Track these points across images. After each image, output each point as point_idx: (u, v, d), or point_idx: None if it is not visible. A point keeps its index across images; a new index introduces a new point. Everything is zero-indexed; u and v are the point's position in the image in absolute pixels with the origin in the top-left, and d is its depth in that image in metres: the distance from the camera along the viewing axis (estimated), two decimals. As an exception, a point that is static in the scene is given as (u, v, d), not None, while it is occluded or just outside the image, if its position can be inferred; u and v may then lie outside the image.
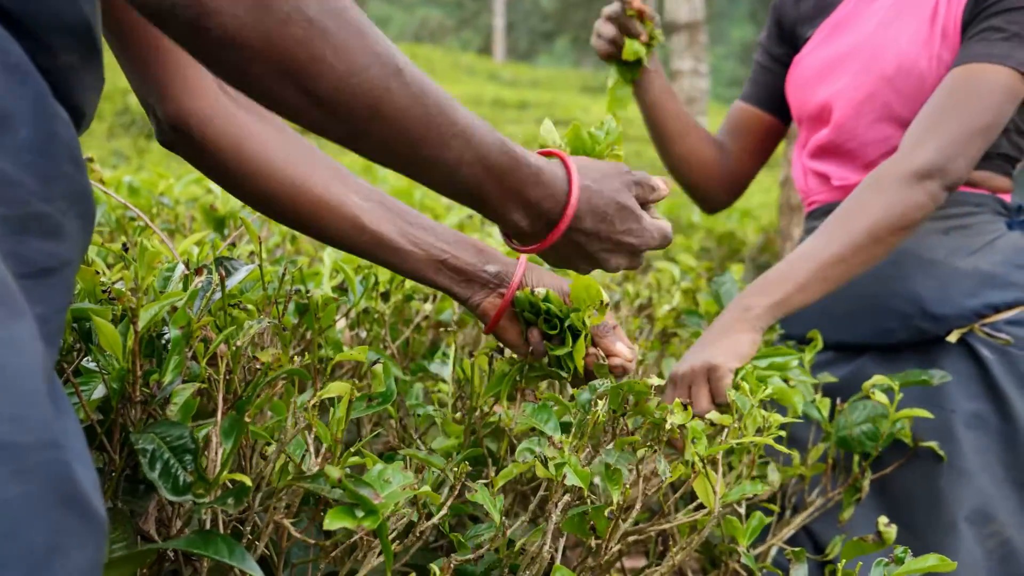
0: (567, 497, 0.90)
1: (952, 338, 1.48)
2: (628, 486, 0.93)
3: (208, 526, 0.88)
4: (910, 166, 1.37)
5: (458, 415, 1.07)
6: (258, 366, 0.94)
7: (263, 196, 0.98)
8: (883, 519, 1.20)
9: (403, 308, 1.46)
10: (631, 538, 1.01)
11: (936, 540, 1.42)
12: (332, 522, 0.75)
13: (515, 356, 1.06)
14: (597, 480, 0.93)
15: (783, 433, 1.07)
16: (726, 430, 1.04)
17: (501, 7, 33.66)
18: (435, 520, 0.87)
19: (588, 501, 0.93)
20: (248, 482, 0.81)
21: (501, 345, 1.09)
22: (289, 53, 0.66)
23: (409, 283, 1.42)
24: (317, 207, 0.97)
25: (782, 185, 3.26)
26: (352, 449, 0.84)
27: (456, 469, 0.88)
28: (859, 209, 1.36)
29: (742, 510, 1.17)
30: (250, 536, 0.91)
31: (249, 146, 0.95)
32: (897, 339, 1.51)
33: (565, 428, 0.94)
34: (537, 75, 27.35)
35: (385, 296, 1.37)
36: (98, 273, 0.93)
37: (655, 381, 0.96)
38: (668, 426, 0.94)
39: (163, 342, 0.89)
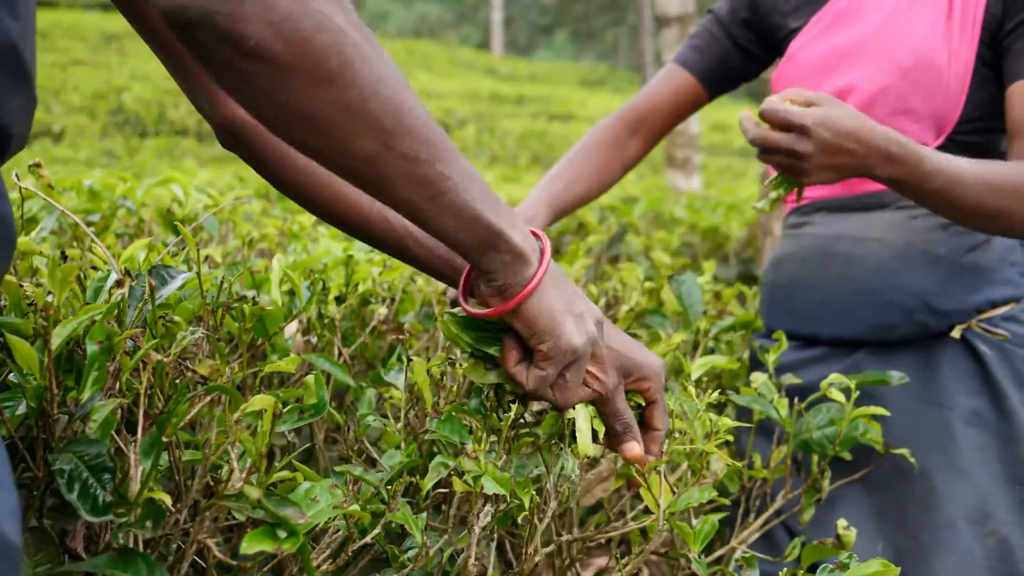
0: (488, 506, 0.89)
1: (955, 334, 1.47)
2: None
3: (133, 543, 0.85)
4: None
5: (400, 425, 1.05)
6: (177, 379, 0.92)
7: (310, 204, 0.99)
8: (842, 522, 1.18)
9: (361, 312, 1.44)
10: (557, 543, 0.99)
11: (932, 539, 1.41)
12: (250, 545, 0.73)
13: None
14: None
15: (730, 438, 1.05)
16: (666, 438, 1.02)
17: (499, 1, 33.58)
18: (368, 539, 0.85)
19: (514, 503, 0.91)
20: (168, 500, 0.79)
21: (454, 357, 1.07)
22: (322, 59, 0.67)
23: (364, 287, 1.40)
24: (362, 223, 0.98)
25: (762, 180, 3.23)
26: (278, 465, 0.82)
27: (390, 487, 0.86)
28: (1011, 171, 1.31)
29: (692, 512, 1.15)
30: (182, 543, 0.89)
31: (292, 158, 0.96)
32: (897, 334, 1.50)
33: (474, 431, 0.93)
34: (535, 69, 27.32)
35: (340, 300, 1.34)
36: (23, 286, 0.91)
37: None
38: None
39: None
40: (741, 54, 1.69)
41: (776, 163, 1.25)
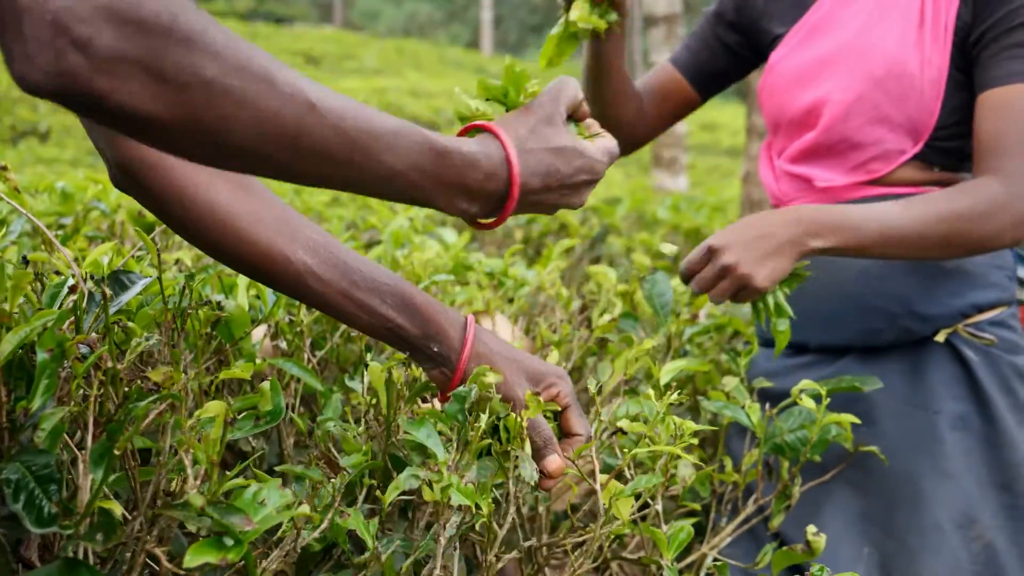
0: (455, 517, 0.88)
1: (940, 338, 1.47)
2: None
3: (84, 554, 0.84)
4: (1010, 190, 1.36)
5: (361, 428, 1.04)
6: (127, 386, 0.91)
7: (209, 245, 0.96)
8: (811, 528, 1.18)
9: (332, 316, 1.43)
10: (521, 549, 0.98)
11: (920, 543, 1.40)
12: (194, 557, 0.72)
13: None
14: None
15: (695, 441, 1.05)
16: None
17: (489, 0, 33.55)
18: (316, 534, 0.84)
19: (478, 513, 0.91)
20: (118, 510, 0.78)
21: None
22: (195, 117, 0.67)
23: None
24: (261, 261, 0.95)
25: (743, 180, 3.23)
26: (230, 473, 0.81)
27: (336, 482, 0.85)
28: (946, 197, 1.36)
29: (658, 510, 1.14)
30: (135, 548, 0.88)
31: (192, 195, 0.93)
32: (883, 339, 1.50)
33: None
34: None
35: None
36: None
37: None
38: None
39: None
40: (727, 55, 1.71)
41: (727, 293, 1.32)
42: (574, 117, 0.96)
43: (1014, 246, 1.38)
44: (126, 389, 0.83)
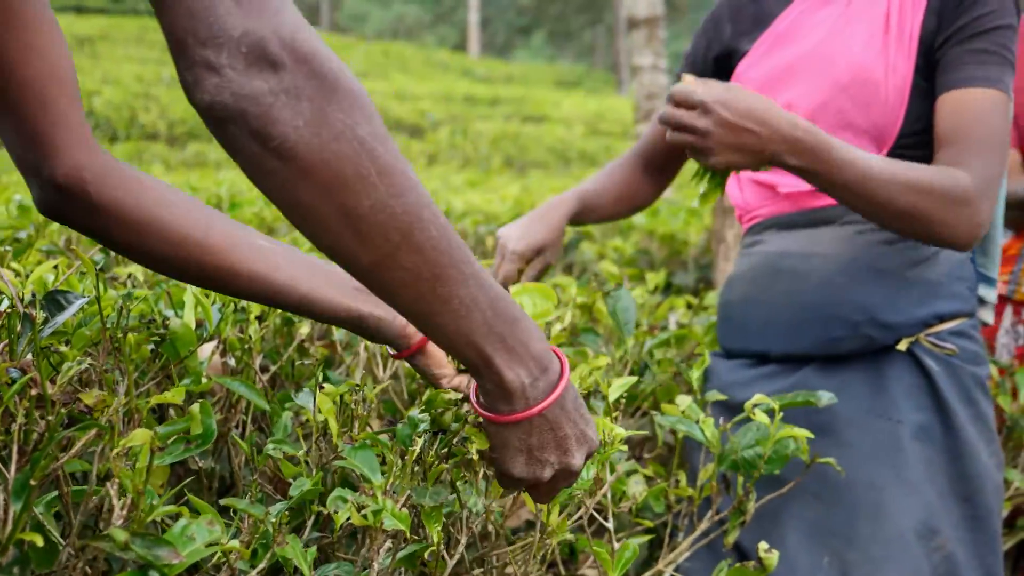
0: (389, 542, 0.86)
1: (901, 346, 1.47)
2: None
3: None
4: (976, 187, 1.34)
5: (303, 452, 1.02)
6: (83, 408, 0.89)
7: (166, 253, 0.91)
8: (763, 545, 1.17)
9: (285, 330, 1.42)
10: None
11: (883, 553, 1.40)
12: (115, 589, 0.70)
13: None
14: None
15: (624, 448, 1.04)
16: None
17: (476, 2, 33.53)
18: (254, 574, 0.83)
19: (414, 539, 0.89)
20: (39, 540, 0.76)
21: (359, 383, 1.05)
22: (337, 167, 0.70)
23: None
24: (225, 251, 0.92)
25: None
26: (156, 504, 0.79)
27: (274, 519, 0.84)
28: (928, 170, 1.34)
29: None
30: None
31: (147, 199, 0.89)
32: (844, 348, 1.49)
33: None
34: (511, 70, 27.30)
35: (261, 319, 1.31)
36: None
37: (452, 395, 0.95)
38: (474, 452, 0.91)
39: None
40: None
41: (683, 143, 1.30)
42: None
43: (964, 248, 1.37)
44: (49, 418, 0.82)
